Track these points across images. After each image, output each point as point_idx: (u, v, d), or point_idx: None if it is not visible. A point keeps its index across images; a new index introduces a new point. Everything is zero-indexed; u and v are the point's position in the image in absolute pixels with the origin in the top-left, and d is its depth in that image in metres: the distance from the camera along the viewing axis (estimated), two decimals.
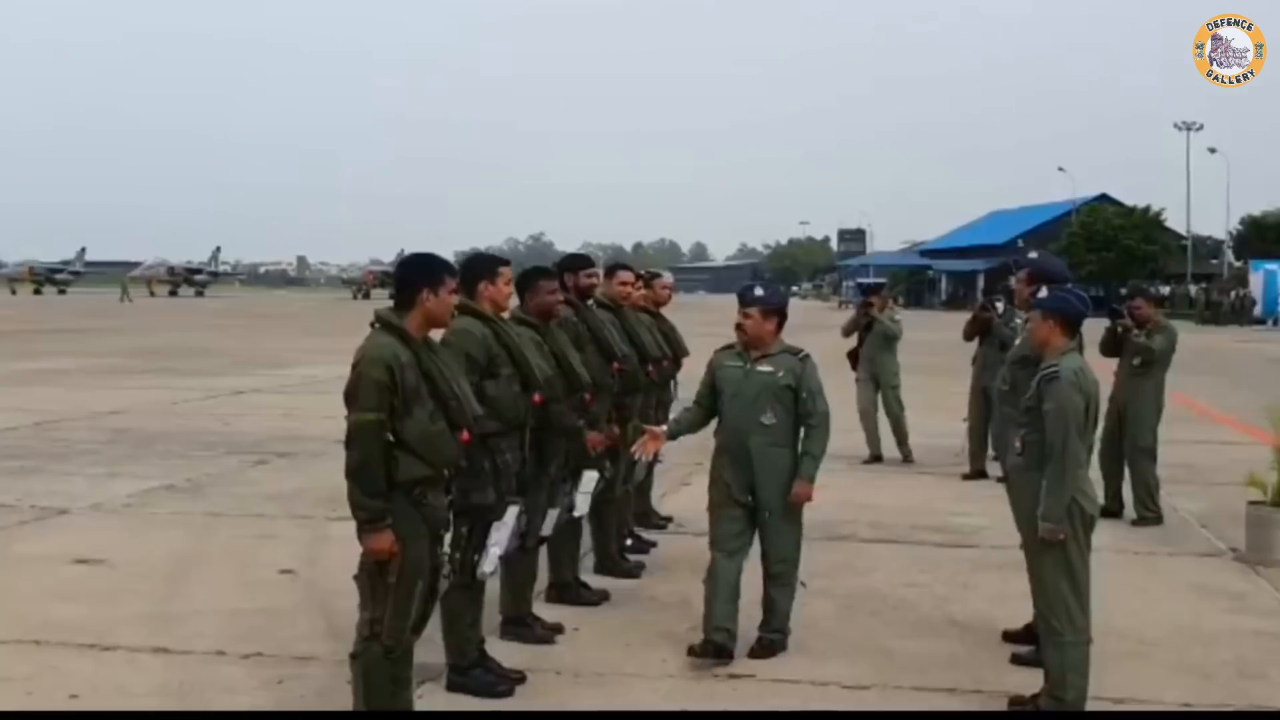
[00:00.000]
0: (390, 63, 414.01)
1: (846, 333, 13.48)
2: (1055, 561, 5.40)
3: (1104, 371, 9.74)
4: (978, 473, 11.65)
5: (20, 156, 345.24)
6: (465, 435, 4.92)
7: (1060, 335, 5.54)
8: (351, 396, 4.68)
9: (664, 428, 6.55)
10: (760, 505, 6.19)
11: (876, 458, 12.81)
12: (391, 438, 4.68)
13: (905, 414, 12.93)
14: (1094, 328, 9.90)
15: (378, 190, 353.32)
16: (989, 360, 11.32)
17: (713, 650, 6.05)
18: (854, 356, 13.24)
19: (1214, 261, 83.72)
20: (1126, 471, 9.84)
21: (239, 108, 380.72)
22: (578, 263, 7.58)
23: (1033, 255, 7.88)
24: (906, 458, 12.78)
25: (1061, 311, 5.56)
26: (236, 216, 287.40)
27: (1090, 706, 5.48)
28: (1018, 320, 11.00)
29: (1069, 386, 5.36)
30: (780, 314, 6.30)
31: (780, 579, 6.26)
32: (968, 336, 12.24)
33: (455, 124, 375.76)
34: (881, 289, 14.06)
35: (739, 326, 6.28)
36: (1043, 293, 5.73)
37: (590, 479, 6.54)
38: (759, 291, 6.31)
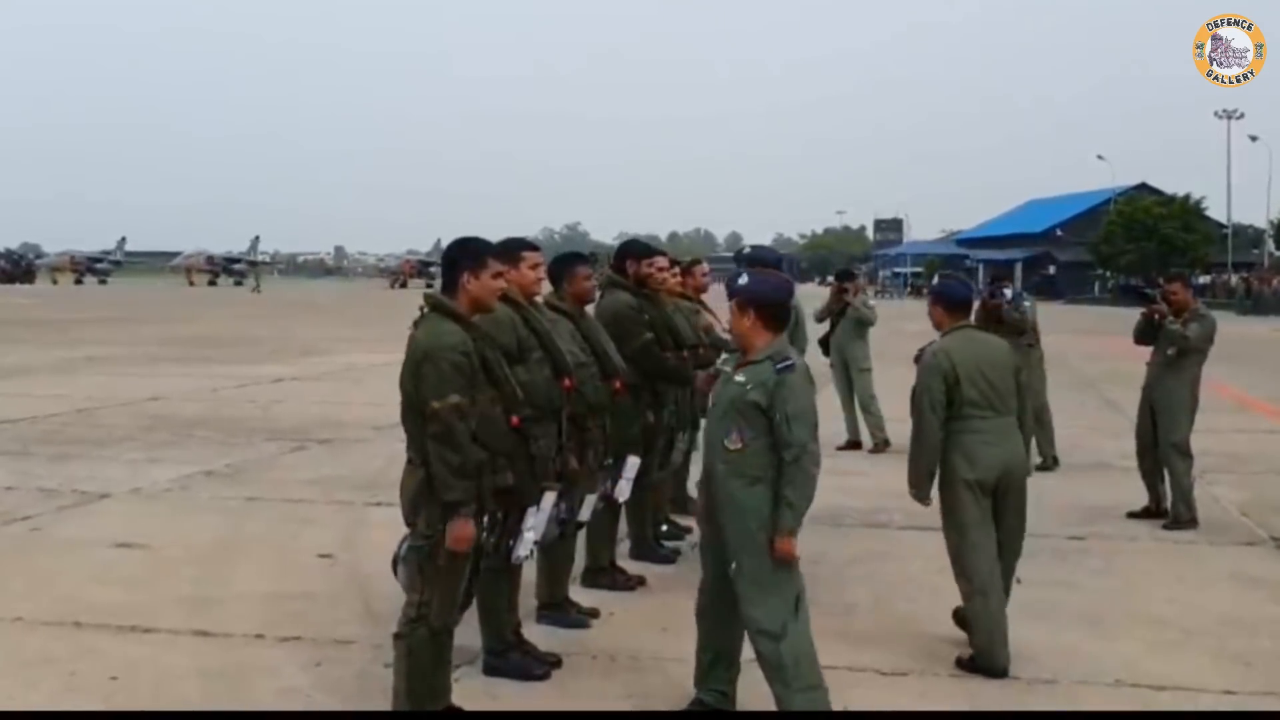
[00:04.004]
0: (416, 57, 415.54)
1: (820, 318, 13.53)
2: (950, 526, 6.01)
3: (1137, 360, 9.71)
4: None
5: (57, 151, 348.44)
6: (515, 420, 5.00)
7: (942, 316, 6.22)
8: (429, 383, 4.66)
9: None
10: (726, 553, 4.95)
11: (854, 444, 12.88)
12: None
13: (876, 401, 12.97)
14: (1130, 316, 9.90)
15: (413, 182, 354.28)
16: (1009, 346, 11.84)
17: (701, 710, 5.20)
18: (826, 343, 13.35)
19: (1255, 251, 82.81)
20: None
21: (279, 105, 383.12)
22: (638, 249, 7.63)
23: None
24: (879, 446, 12.72)
25: (943, 295, 6.26)
26: (274, 207, 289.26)
27: (1132, 693, 5.50)
28: (1026, 304, 12.05)
29: (926, 367, 5.97)
30: (756, 305, 4.98)
31: (763, 657, 4.91)
32: (982, 325, 12.49)
33: (486, 117, 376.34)
34: (856, 275, 14.46)
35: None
36: (934, 280, 6.51)
37: (633, 465, 6.53)
38: (743, 280, 5.09)
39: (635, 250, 7.63)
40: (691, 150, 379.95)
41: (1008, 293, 12.26)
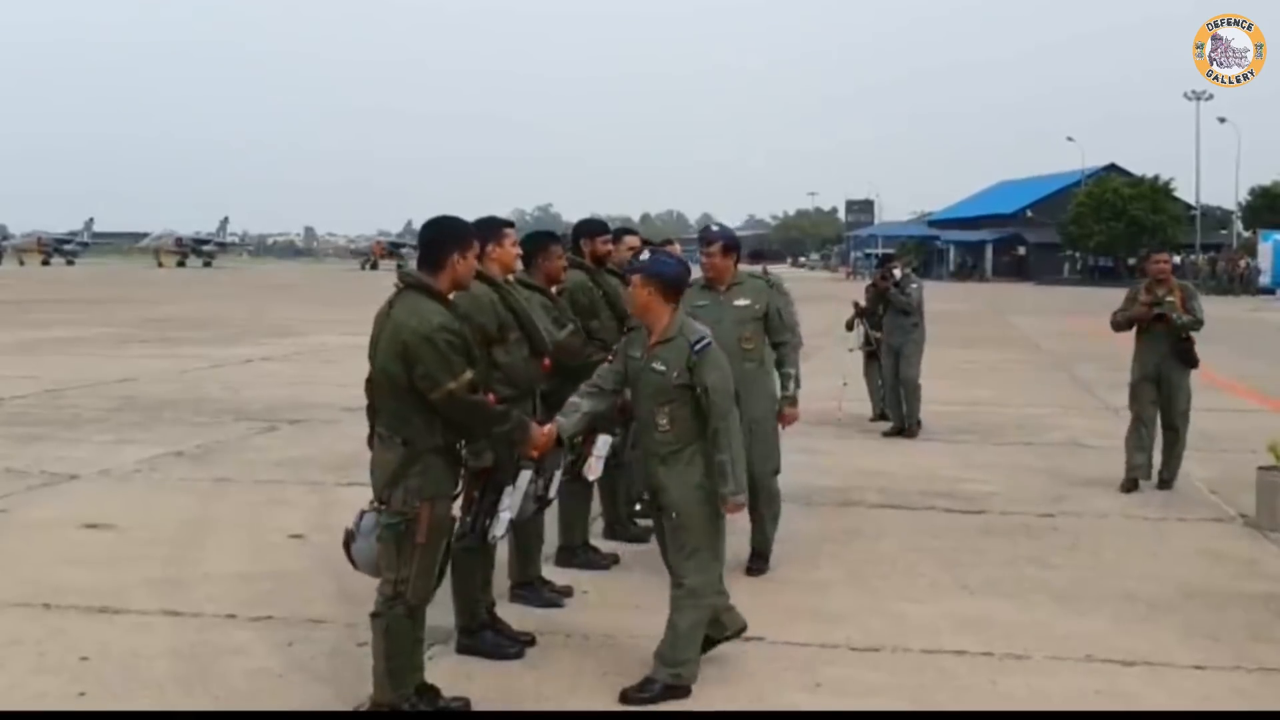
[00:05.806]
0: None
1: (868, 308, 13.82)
2: None
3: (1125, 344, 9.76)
4: (897, 430, 12.47)
5: (27, 128, 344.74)
6: (493, 398, 5.07)
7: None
8: (436, 365, 4.64)
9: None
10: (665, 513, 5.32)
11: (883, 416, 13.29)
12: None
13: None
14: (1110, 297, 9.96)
15: (384, 163, 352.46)
16: (894, 324, 12.68)
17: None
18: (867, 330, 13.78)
19: (1223, 232, 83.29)
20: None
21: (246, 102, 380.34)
22: (593, 228, 7.57)
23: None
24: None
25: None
26: (243, 187, 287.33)
27: (1103, 668, 5.52)
28: (913, 285, 12.63)
29: None
30: (660, 281, 5.24)
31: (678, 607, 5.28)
32: (872, 304, 13.32)
33: (460, 98, 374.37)
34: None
35: None
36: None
37: (605, 443, 6.51)
38: (644, 257, 5.47)
39: (590, 229, 7.56)
40: (664, 131, 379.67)
41: (896, 274, 12.83)
